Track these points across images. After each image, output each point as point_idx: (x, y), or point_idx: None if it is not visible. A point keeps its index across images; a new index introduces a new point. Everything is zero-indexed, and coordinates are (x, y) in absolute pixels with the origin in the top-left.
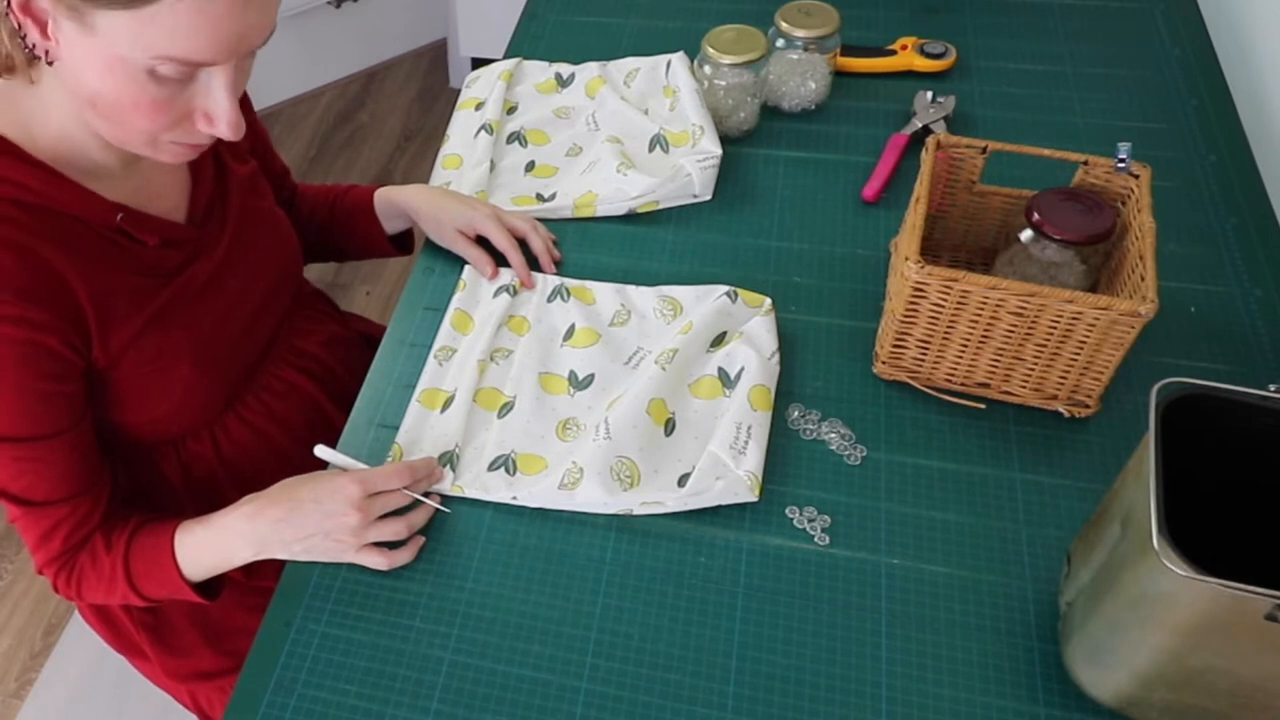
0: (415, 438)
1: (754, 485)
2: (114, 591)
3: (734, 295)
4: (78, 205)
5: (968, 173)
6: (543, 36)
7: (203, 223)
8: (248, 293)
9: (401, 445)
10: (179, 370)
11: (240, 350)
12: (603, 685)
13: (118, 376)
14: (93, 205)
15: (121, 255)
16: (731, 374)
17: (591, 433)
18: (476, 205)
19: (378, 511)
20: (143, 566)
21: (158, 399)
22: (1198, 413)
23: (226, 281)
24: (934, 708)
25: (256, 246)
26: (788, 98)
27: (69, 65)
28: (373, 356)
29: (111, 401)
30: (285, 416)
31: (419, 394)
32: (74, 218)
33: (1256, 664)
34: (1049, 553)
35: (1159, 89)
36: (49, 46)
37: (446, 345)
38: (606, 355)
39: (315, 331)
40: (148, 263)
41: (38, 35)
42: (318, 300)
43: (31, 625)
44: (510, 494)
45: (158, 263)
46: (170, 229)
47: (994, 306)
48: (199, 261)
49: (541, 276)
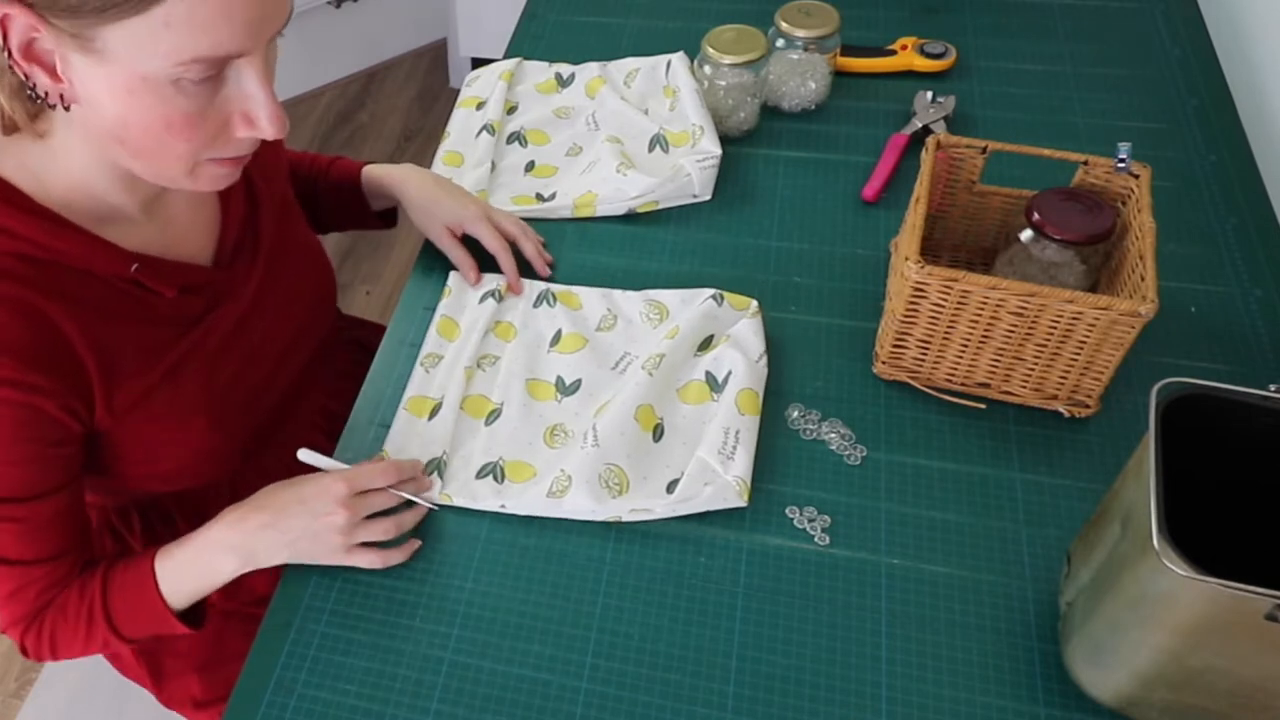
0: (402, 445)
1: (743, 491)
2: (92, 638)
3: (720, 298)
4: (87, 258)
5: (968, 173)
6: (543, 36)
7: (230, 263)
8: (273, 337)
9: (389, 453)
10: (193, 424)
11: (260, 400)
12: (603, 685)
13: (123, 433)
14: (103, 256)
15: (135, 307)
16: (719, 378)
17: (579, 440)
18: (467, 203)
19: (365, 510)
20: (122, 603)
21: (167, 452)
22: (1198, 413)
23: (252, 325)
24: (934, 708)
25: (286, 282)
26: (788, 98)
27: (88, 103)
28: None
29: (117, 456)
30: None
31: (406, 402)
32: (83, 271)
33: (1256, 664)
34: (1049, 553)
35: (1159, 89)
36: (62, 90)
37: (433, 352)
38: (594, 361)
39: (346, 393)
40: (164, 313)
41: (47, 80)
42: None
43: None
44: (499, 503)
45: (176, 312)
46: (192, 274)
47: (994, 306)
48: (223, 306)
49: (528, 282)
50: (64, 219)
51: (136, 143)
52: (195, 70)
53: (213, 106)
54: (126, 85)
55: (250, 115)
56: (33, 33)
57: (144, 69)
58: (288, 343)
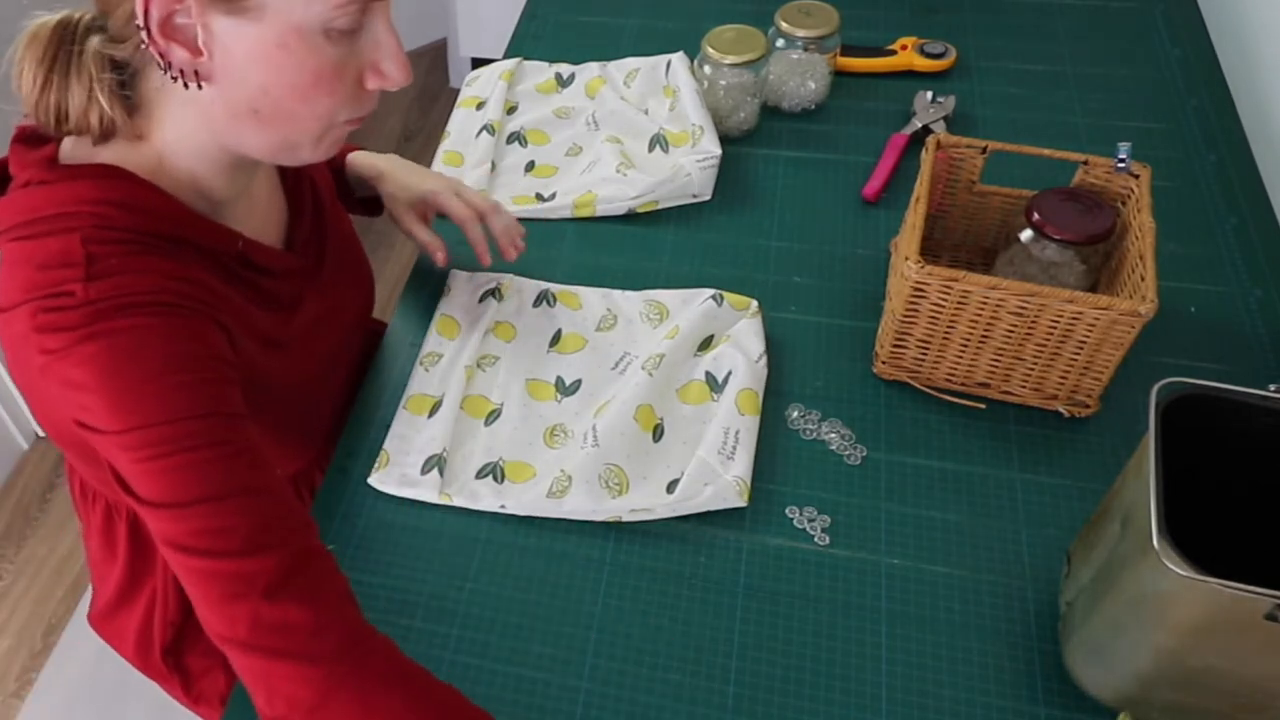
0: (402, 443)
1: (742, 491)
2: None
3: (720, 298)
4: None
5: (968, 173)
6: (543, 36)
7: (303, 250)
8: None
9: (389, 451)
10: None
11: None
12: (603, 685)
13: None
14: (214, 232)
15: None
16: (719, 378)
17: (579, 440)
18: (432, 179)
19: None
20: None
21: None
22: (1198, 413)
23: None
24: (934, 708)
25: (347, 272)
26: (788, 98)
27: (226, 75)
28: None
29: None
30: None
31: (406, 400)
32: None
33: (1256, 664)
34: (1049, 553)
35: (1159, 89)
36: (199, 64)
37: (433, 351)
38: (594, 361)
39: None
40: (266, 291)
41: (185, 56)
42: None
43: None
44: (499, 503)
45: (276, 292)
46: (281, 258)
47: (994, 306)
48: (309, 294)
49: (528, 282)
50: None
51: (277, 106)
52: (344, 17)
53: (352, 58)
54: (279, 40)
55: (379, 65)
56: (174, 5)
57: (298, 18)
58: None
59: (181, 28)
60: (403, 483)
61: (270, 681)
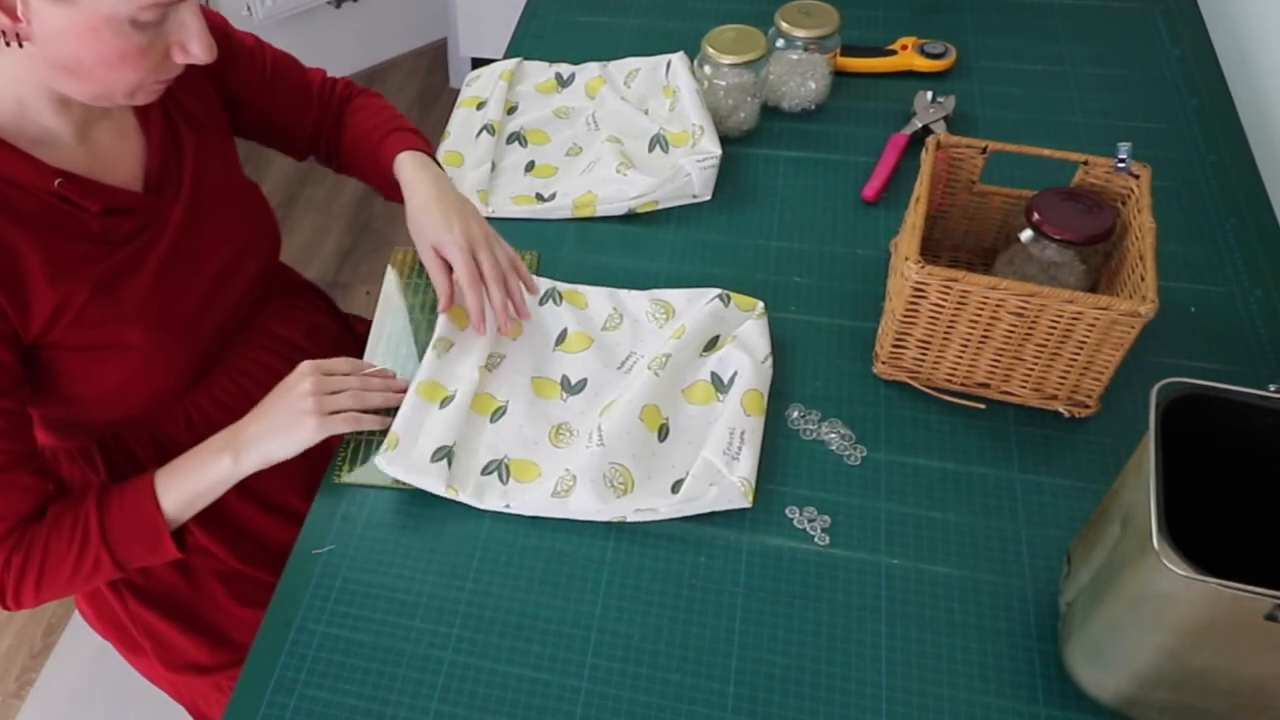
0: (413, 428)
1: (747, 491)
2: (84, 557)
3: (726, 299)
4: (12, 170)
5: (968, 173)
6: (543, 36)
7: (158, 190)
8: (207, 262)
9: (399, 434)
10: (130, 338)
11: (202, 323)
12: (603, 685)
13: (67, 345)
14: (29, 169)
15: (67, 221)
16: (725, 379)
17: (585, 439)
18: (454, 227)
19: (331, 384)
20: (118, 516)
21: (115, 369)
22: (1198, 413)
23: (183, 250)
24: (934, 708)
25: (218, 216)
26: (788, 98)
27: (42, 41)
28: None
29: (68, 373)
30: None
31: (417, 384)
32: (13, 183)
33: (1256, 664)
34: (1049, 553)
35: (1159, 89)
36: (19, 29)
37: (445, 337)
38: (599, 360)
39: (298, 320)
40: (94, 230)
41: (5, 19)
42: (309, 293)
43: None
44: (504, 503)
45: (106, 231)
46: (117, 196)
47: (994, 306)
48: (153, 229)
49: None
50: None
51: (87, 74)
52: (151, 12)
53: (158, 39)
54: (89, 25)
55: (185, 45)
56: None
57: (107, 11)
58: (224, 268)
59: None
60: (410, 469)
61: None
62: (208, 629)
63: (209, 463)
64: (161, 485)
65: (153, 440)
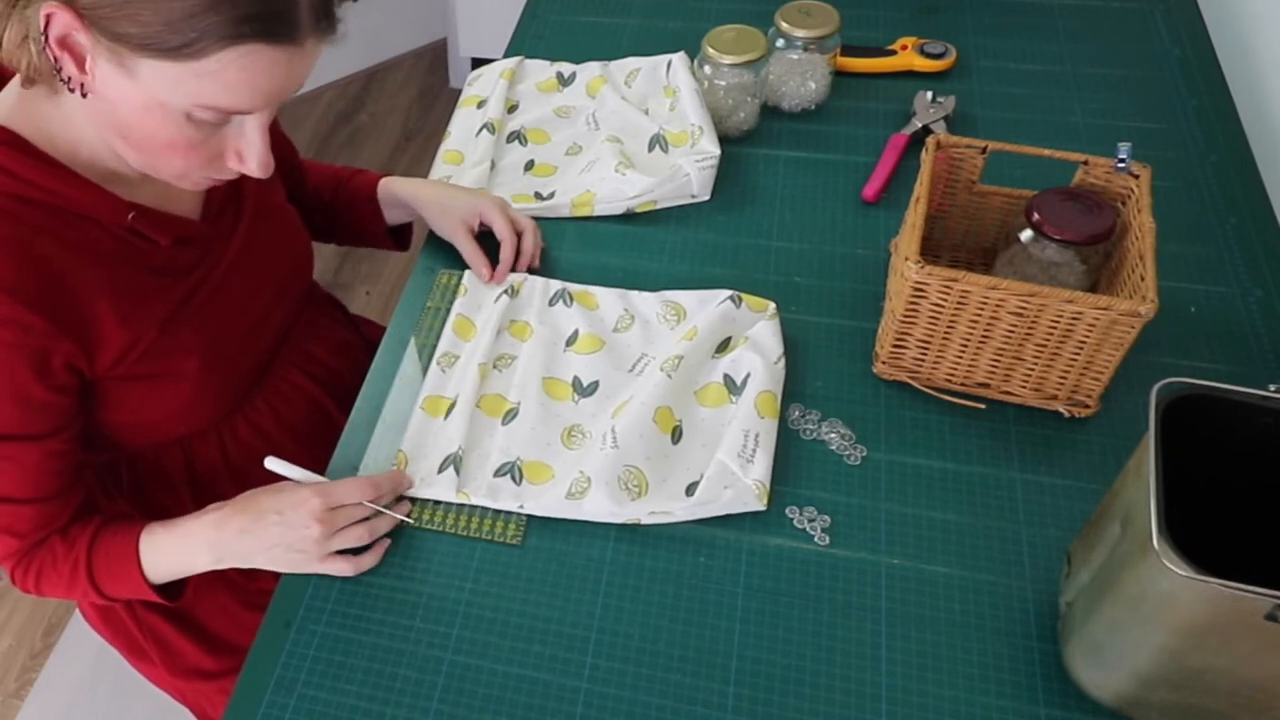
0: (419, 444)
1: (762, 494)
2: (74, 587)
3: (738, 300)
4: (89, 205)
5: (968, 173)
6: (543, 36)
7: (217, 218)
8: (258, 290)
9: (406, 453)
10: (187, 368)
11: (248, 349)
12: (603, 685)
13: (124, 377)
14: (105, 204)
15: (133, 255)
16: (738, 380)
17: (598, 441)
18: (481, 194)
19: (340, 524)
20: (105, 565)
21: (166, 399)
22: (1198, 413)
23: (237, 278)
24: (934, 708)
25: (269, 243)
26: (788, 98)
27: (103, 99)
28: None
29: (117, 403)
30: (291, 421)
31: (422, 401)
32: (84, 217)
33: (1256, 664)
34: (1049, 553)
35: (1159, 89)
36: (84, 80)
37: (449, 351)
38: (610, 362)
39: (326, 337)
40: (160, 262)
41: (74, 69)
42: (329, 305)
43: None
44: (517, 503)
45: (170, 262)
46: (184, 226)
47: (994, 306)
48: (212, 258)
49: (544, 280)
50: (67, 167)
51: (135, 144)
52: (209, 114)
53: (213, 139)
54: (144, 103)
55: (243, 155)
56: (73, 29)
57: (164, 98)
58: (271, 296)
59: (76, 45)
60: (420, 484)
61: None
62: (213, 634)
63: (191, 554)
64: (145, 551)
65: (185, 460)
